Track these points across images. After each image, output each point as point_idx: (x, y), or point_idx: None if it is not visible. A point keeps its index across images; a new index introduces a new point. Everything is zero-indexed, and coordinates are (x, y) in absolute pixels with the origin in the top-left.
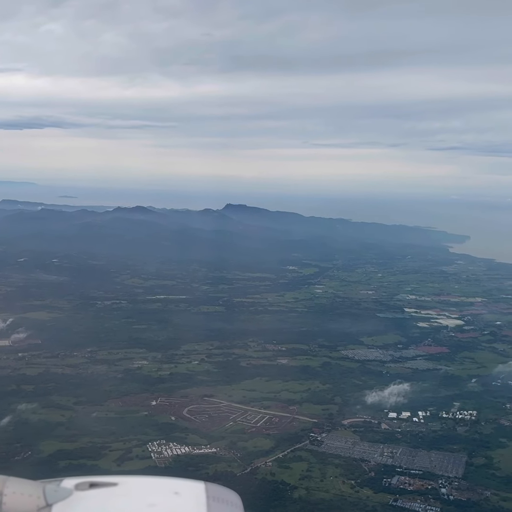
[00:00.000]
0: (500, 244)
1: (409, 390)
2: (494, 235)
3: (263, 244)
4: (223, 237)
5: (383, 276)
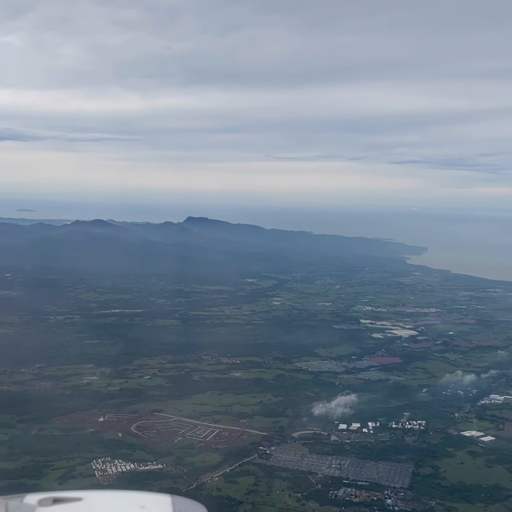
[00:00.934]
0: (456, 256)
1: (359, 401)
2: (450, 247)
3: (223, 257)
4: (183, 250)
5: (341, 287)
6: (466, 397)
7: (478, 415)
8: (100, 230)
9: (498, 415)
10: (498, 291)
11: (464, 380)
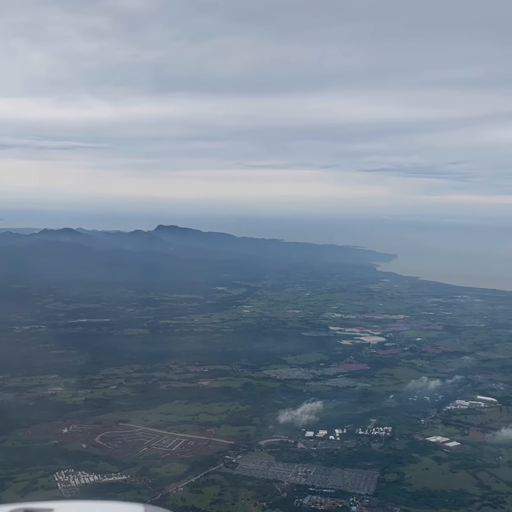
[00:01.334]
0: (425, 262)
1: (326, 408)
2: (419, 254)
3: (193, 265)
4: (153, 259)
5: (311, 295)
6: (432, 403)
7: (443, 421)
8: (68, 239)
9: (463, 420)
10: (465, 297)
11: (430, 386)
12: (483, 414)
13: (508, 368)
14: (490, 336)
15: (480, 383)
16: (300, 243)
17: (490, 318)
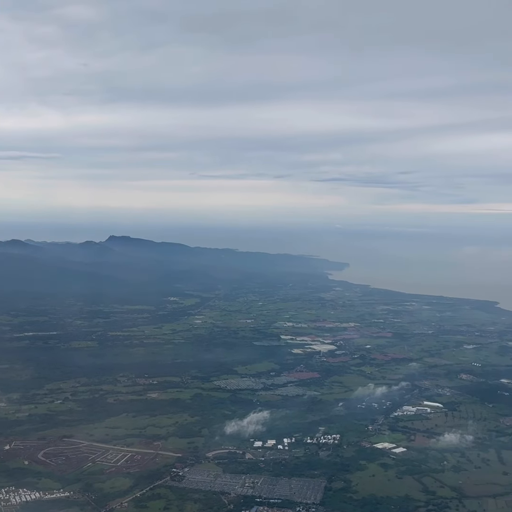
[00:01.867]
0: (376, 271)
1: (275, 417)
2: (371, 262)
3: (146, 276)
4: (104, 270)
5: (263, 304)
6: (380, 410)
7: (391, 427)
8: (16, 251)
9: (410, 426)
10: (414, 304)
11: (378, 392)
12: (429, 419)
13: (454, 373)
14: (438, 343)
15: (427, 389)
16: (254, 252)
17: (438, 324)
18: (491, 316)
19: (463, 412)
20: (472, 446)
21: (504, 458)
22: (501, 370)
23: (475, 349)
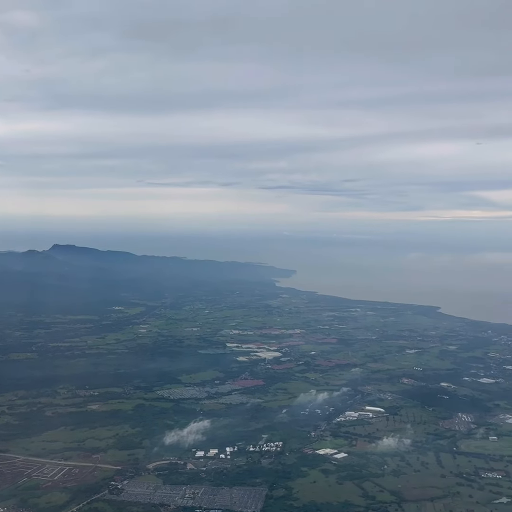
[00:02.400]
0: (323, 277)
1: (218, 426)
2: (318, 269)
3: (90, 285)
4: (47, 279)
5: (210, 312)
6: (323, 416)
7: (333, 433)
8: None
9: (352, 431)
10: (358, 310)
11: (321, 398)
12: (371, 424)
13: (396, 378)
14: (381, 348)
15: (369, 394)
16: (201, 260)
17: (382, 330)
18: (432, 321)
19: (403, 416)
20: (412, 449)
21: (442, 461)
22: (441, 374)
23: (416, 354)
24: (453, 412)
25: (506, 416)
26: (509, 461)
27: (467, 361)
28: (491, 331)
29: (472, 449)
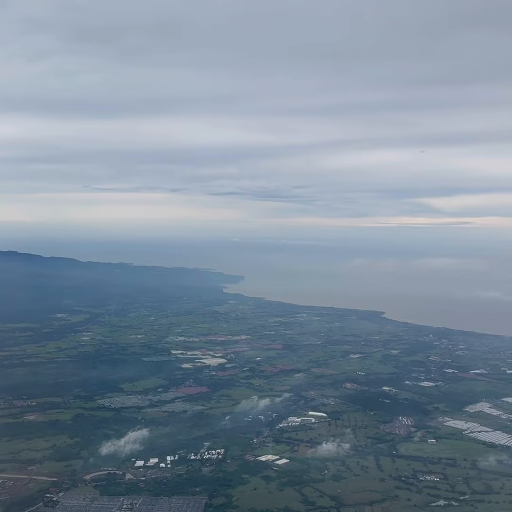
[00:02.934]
0: (271, 283)
1: (159, 434)
2: (266, 275)
3: (32, 292)
4: None
5: (156, 319)
6: (266, 422)
7: (275, 439)
8: None
9: (294, 437)
10: (304, 316)
11: (265, 404)
12: (313, 429)
13: (339, 383)
14: (325, 353)
15: (312, 399)
16: (149, 266)
17: (327, 335)
18: (377, 326)
19: (345, 420)
20: (352, 454)
21: (382, 464)
22: (383, 378)
23: (360, 358)
24: (394, 416)
25: (445, 419)
26: (447, 463)
27: (409, 365)
28: (433, 335)
29: (411, 452)
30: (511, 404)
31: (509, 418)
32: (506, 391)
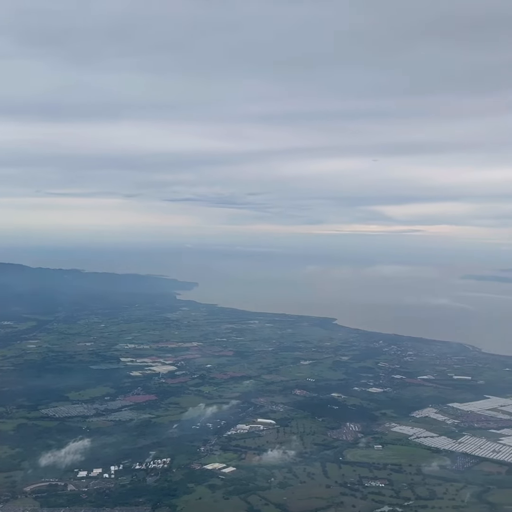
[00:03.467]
0: (224, 290)
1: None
2: (220, 281)
3: None
4: None
5: (106, 326)
6: (214, 429)
7: (223, 447)
8: None
9: (242, 444)
10: (256, 322)
11: (214, 412)
12: (261, 436)
13: (289, 389)
14: (276, 359)
15: (262, 406)
16: (100, 273)
17: (278, 342)
18: (328, 332)
19: (294, 427)
20: (299, 461)
21: (328, 471)
22: (333, 385)
23: (310, 365)
24: (342, 422)
25: (392, 425)
26: (392, 469)
27: (358, 371)
28: (382, 341)
29: (358, 458)
30: (456, 409)
31: (454, 423)
32: (452, 397)
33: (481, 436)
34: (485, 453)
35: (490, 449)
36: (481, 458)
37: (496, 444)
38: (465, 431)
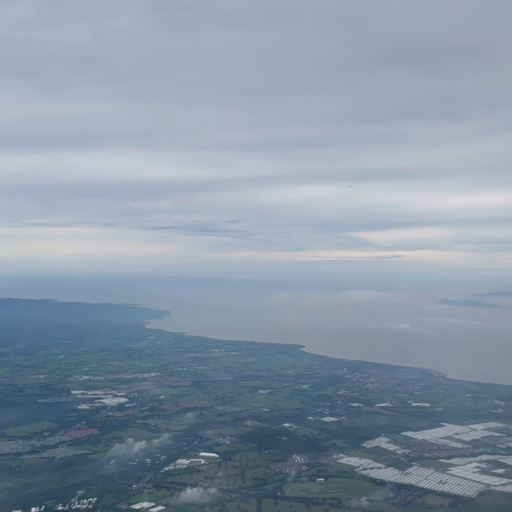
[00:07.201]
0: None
1: (28, 483)
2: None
3: None
4: None
5: (65, 357)
6: (153, 465)
7: (157, 484)
8: None
9: (178, 481)
10: (222, 351)
11: (155, 446)
12: (201, 471)
13: (240, 421)
14: (234, 389)
15: (208, 439)
16: (72, 302)
17: (240, 370)
18: (293, 360)
19: (237, 461)
20: (235, 497)
21: (263, 507)
22: (287, 414)
23: (268, 394)
24: (288, 454)
25: (340, 456)
26: (331, 504)
27: (316, 399)
28: (347, 368)
29: (297, 493)
30: (409, 438)
31: (404, 453)
32: (407, 425)
33: (430, 466)
34: (431, 484)
35: (437, 480)
36: (426, 490)
37: (444, 474)
38: (415, 461)
